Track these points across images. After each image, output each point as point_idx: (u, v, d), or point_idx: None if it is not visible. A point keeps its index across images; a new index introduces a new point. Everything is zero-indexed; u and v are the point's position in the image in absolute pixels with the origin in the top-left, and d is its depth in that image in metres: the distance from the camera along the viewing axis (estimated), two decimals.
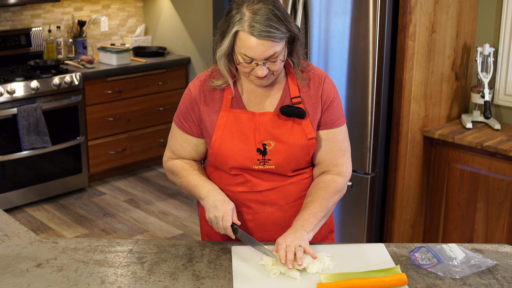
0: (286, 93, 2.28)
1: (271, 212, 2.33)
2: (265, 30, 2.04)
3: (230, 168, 2.29)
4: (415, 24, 3.62)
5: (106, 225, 5.03)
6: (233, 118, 2.26)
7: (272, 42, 2.06)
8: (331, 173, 2.34)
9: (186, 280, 2.02)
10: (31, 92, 5.11)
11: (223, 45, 2.14)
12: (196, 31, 6.15)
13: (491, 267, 2.12)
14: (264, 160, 2.25)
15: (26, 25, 5.76)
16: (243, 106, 2.27)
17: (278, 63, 2.13)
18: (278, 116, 2.26)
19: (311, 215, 2.21)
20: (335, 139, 2.32)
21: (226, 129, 2.26)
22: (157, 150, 6.22)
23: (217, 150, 2.27)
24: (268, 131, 2.24)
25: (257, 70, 2.13)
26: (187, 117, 2.33)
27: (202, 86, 2.30)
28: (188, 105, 2.32)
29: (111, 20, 6.38)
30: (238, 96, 2.28)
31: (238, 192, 2.32)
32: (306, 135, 2.26)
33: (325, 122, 2.31)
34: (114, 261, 2.14)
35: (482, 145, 3.67)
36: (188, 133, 2.35)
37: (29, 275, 2.04)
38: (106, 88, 5.66)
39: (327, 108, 2.29)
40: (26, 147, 5.13)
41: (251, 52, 2.08)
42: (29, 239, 2.30)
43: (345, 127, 2.36)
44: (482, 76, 3.87)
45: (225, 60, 2.19)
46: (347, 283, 1.95)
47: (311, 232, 2.19)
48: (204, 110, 2.29)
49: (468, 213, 3.87)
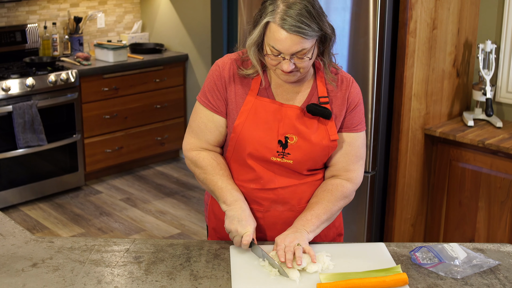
0: (314, 91, 2.28)
1: (282, 211, 2.32)
2: (295, 25, 2.04)
3: (248, 155, 2.27)
4: (416, 21, 3.62)
5: (103, 224, 5.03)
6: (259, 105, 2.26)
7: (301, 38, 2.06)
8: (341, 177, 2.34)
9: (183, 280, 2.02)
10: (27, 90, 5.10)
11: (253, 34, 2.16)
12: (194, 28, 6.14)
13: (493, 267, 2.12)
14: (284, 153, 2.25)
15: (21, 22, 5.76)
16: (271, 96, 2.27)
17: (305, 60, 2.13)
18: (304, 113, 2.25)
19: (314, 216, 2.22)
20: (352, 144, 2.32)
21: (250, 115, 2.25)
22: (154, 148, 6.22)
23: (238, 135, 2.26)
24: (293, 125, 2.24)
25: (283, 64, 2.13)
26: (214, 94, 2.30)
27: (233, 66, 2.29)
28: (217, 82, 2.29)
29: (108, 16, 6.38)
30: (267, 86, 2.28)
31: (250, 189, 2.31)
32: (329, 136, 2.25)
33: (346, 125, 2.31)
34: (110, 260, 2.14)
35: (483, 143, 3.67)
36: (215, 111, 2.30)
37: (25, 275, 2.03)
38: (103, 85, 5.65)
39: (351, 111, 2.30)
40: (21, 145, 5.13)
41: (279, 45, 2.08)
42: (25, 238, 2.30)
43: (364, 134, 2.36)
44: (484, 73, 3.87)
45: (255, 49, 2.19)
46: (347, 283, 1.95)
47: (312, 233, 2.19)
48: (231, 91, 2.28)
49: (470, 212, 3.87)
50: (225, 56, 2.34)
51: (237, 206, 2.21)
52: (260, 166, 2.28)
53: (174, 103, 6.26)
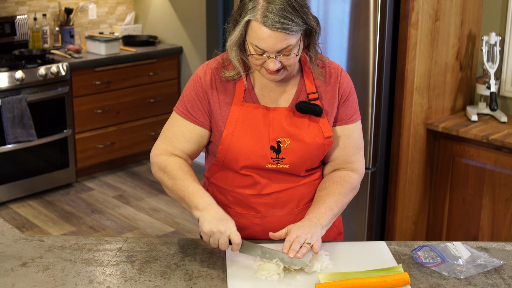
0: (301, 88, 2.24)
1: (280, 216, 2.29)
2: (278, 21, 1.99)
3: (241, 167, 2.22)
4: (418, 12, 3.62)
5: (94, 222, 5.03)
6: (246, 113, 2.20)
7: (285, 35, 2.01)
8: (346, 169, 2.32)
9: (178, 279, 2.02)
10: (16, 83, 5.09)
11: (233, 34, 2.10)
12: (188, 19, 6.13)
13: (497, 266, 2.12)
14: (278, 158, 2.20)
15: (10, 13, 5.75)
16: (256, 100, 2.22)
17: (291, 57, 2.08)
18: (293, 113, 2.21)
19: (328, 209, 2.18)
20: (350, 136, 2.30)
21: (238, 124, 2.19)
22: (148, 143, 6.21)
23: (228, 147, 2.20)
24: (283, 128, 2.20)
25: (268, 63, 2.07)
26: (195, 105, 2.23)
27: (214, 75, 2.23)
28: (199, 93, 2.23)
29: (100, 8, 6.37)
30: (250, 89, 2.23)
31: (246, 195, 2.27)
32: (323, 134, 2.22)
33: (341, 118, 2.28)
34: (102, 260, 2.14)
35: (488, 138, 3.67)
36: (195, 122, 2.24)
37: (14, 275, 2.03)
38: (94, 79, 5.65)
39: (343, 102, 2.27)
40: (10, 141, 5.12)
41: (262, 43, 2.03)
42: (14, 237, 2.30)
43: (359, 123, 2.34)
44: (488, 66, 3.87)
45: (237, 50, 2.14)
46: (346, 283, 1.95)
47: (325, 227, 2.16)
48: (215, 102, 2.22)
49: (473, 210, 3.87)
50: (204, 65, 2.27)
51: (212, 209, 2.09)
52: (256, 174, 2.24)
53: (168, 97, 6.26)
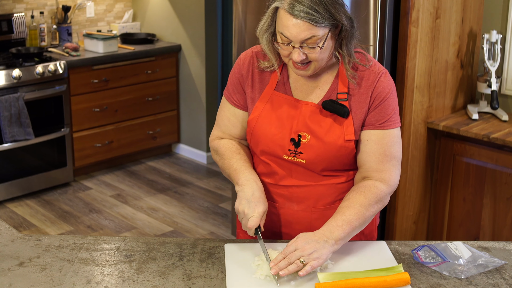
0: (334, 86, 2.23)
1: (296, 211, 2.30)
2: (303, 11, 2.01)
3: (260, 153, 2.30)
4: (418, 10, 3.62)
5: (92, 221, 5.02)
6: (274, 101, 2.26)
7: (309, 25, 2.03)
8: (374, 178, 2.23)
9: (176, 279, 2.01)
10: (13, 81, 5.09)
11: (262, 20, 2.16)
12: (187, 17, 6.13)
13: (498, 266, 2.12)
14: (296, 152, 2.22)
15: (7, 11, 5.74)
16: (289, 91, 2.26)
17: (317, 50, 2.08)
18: (320, 110, 2.22)
19: (345, 222, 2.11)
20: (379, 142, 2.22)
21: (265, 111, 2.26)
22: (146, 142, 6.21)
23: (252, 130, 2.28)
24: (305, 123, 2.21)
25: (293, 54, 2.10)
26: (236, 88, 2.34)
27: (253, 59, 2.31)
28: (238, 76, 2.33)
29: (98, 5, 6.36)
30: (285, 80, 2.28)
31: (265, 183, 2.32)
32: (344, 136, 2.20)
33: (371, 122, 2.22)
34: (100, 259, 2.14)
35: (489, 137, 3.67)
36: (236, 106, 2.35)
37: (11, 275, 2.03)
38: (92, 77, 5.64)
39: (375, 107, 2.21)
40: (7, 139, 5.12)
41: (287, 31, 2.06)
42: (11, 236, 2.29)
43: (395, 132, 2.24)
44: (489, 64, 3.87)
45: (268, 37, 2.18)
46: (346, 283, 1.95)
47: (341, 241, 2.08)
48: (248, 85, 2.31)
49: (474, 209, 3.87)
50: (250, 48, 2.35)
51: (248, 187, 2.18)
52: (274, 163, 2.28)
53: (166, 95, 6.26)
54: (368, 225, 2.32)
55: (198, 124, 6.28)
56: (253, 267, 2.07)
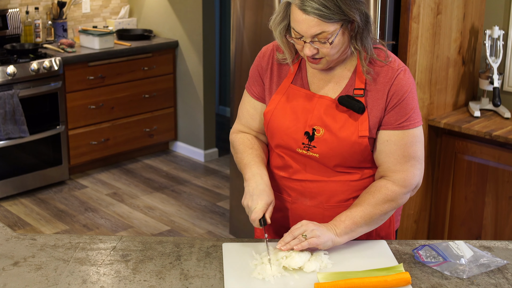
0: (352, 82, 2.24)
1: (309, 206, 2.33)
2: (313, 6, 2.04)
3: (275, 146, 2.34)
4: (419, 5, 3.61)
5: (88, 220, 5.02)
6: (290, 94, 2.30)
7: (319, 20, 2.06)
8: (388, 179, 2.25)
9: (173, 279, 2.01)
10: (8, 78, 5.09)
11: (274, 13, 2.20)
12: (184, 13, 6.13)
13: (501, 266, 2.12)
14: (309, 145, 2.25)
15: (2, 6, 5.73)
16: (306, 85, 2.30)
17: (327, 45, 2.11)
18: (336, 105, 2.23)
19: (349, 218, 2.19)
20: (397, 143, 2.22)
21: (280, 103, 2.30)
22: (142, 140, 6.21)
23: (268, 122, 2.33)
24: (320, 117, 2.24)
25: (305, 48, 2.14)
26: (256, 81, 2.40)
27: (273, 52, 2.36)
28: (258, 69, 2.39)
29: (93, 1, 6.36)
30: (304, 74, 2.31)
31: (280, 176, 2.37)
32: (359, 132, 2.20)
33: (389, 122, 2.22)
34: (96, 259, 2.14)
35: (491, 134, 3.67)
36: (256, 98, 2.40)
37: (5, 274, 2.03)
38: (88, 74, 5.64)
39: (393, 106, 2.20)
40: (2, 137, 5.11)
41: (297, 26, 2.10)
42: (5, 235, 2.29)
43: (415, 132, 2.23)
44: (491, 60, 3.87)
45: (282, 31, 2.21)
46: (346, 283, 1.95)
47: (344, 236, 2.17)
48: (267, 77, 2.35)
49: (476, 208, 3.88)
50: (272, 42, 2.39)
51: (253, 181, 2.24)
52: (288, 156, 2.32)
53: (163, 92, 6.26)
54: (384, 227, 2.38)
55: (196, 122, 6.27)
56: (251, 267, 2.07)
